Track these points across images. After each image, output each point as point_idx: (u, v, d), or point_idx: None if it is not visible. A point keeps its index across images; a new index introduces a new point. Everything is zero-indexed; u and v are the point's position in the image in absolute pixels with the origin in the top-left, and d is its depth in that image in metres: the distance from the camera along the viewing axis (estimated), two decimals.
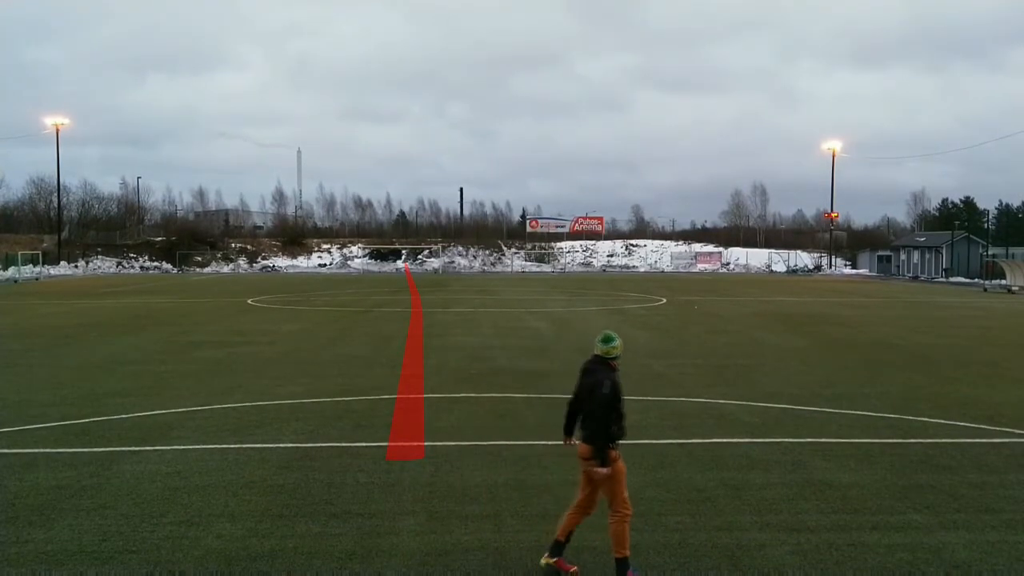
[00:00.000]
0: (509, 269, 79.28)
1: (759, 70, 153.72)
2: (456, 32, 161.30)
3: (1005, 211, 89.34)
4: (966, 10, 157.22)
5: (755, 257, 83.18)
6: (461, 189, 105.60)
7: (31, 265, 64.04)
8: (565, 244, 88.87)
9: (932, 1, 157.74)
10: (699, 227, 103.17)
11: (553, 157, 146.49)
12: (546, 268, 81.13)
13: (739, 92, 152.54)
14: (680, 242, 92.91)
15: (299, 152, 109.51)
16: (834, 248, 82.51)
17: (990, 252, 62.80)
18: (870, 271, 74.83)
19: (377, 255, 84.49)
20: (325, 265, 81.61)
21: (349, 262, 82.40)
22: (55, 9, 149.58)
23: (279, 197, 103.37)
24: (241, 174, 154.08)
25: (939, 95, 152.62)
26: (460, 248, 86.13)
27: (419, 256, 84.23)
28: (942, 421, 11.14)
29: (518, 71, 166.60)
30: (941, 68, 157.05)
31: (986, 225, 76.29)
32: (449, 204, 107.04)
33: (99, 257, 76.48)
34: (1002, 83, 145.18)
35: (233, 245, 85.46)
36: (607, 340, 6.23)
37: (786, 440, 10.02)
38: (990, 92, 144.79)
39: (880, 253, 77.17)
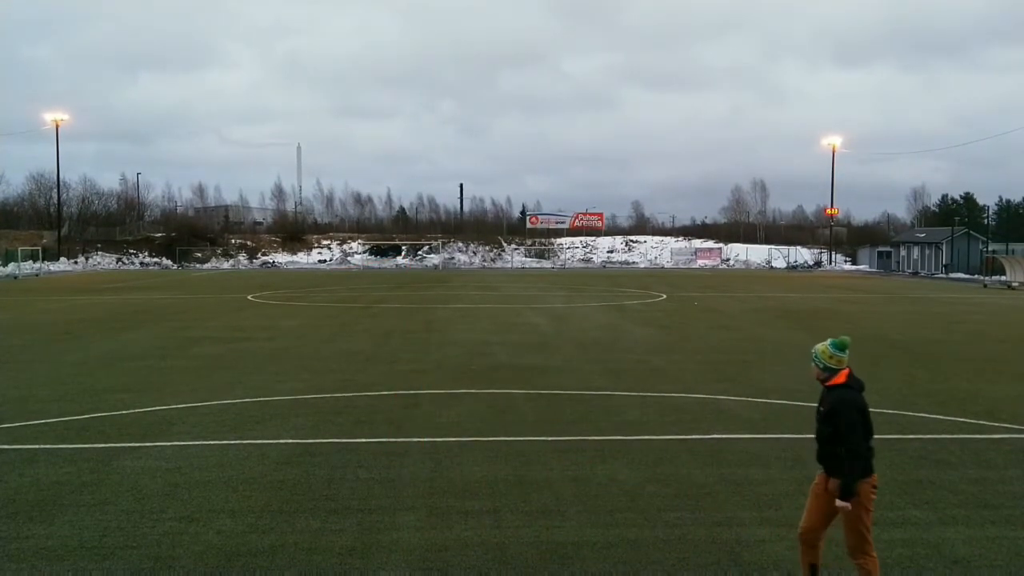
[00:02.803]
0: (509, 265, 79.23)
1: (751, 68, 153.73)
2: (444, 30, 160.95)
3: (1005, 207, 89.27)
4: (945, 9, 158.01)
5: (755, 253, 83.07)
6: (461, 185, 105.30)
7: (31, 261, 64.00)
8: (565, 240, 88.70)
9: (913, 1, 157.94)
10: (699, 223, 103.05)
11: (553, 154, 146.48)
12: (546, 264, 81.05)
13: (734, 89, 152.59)
14: (680, 238, 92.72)
15: (299, 148, 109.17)
16: (834, 244, 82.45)
17: (990, 248, 62.81)
18: (870, 267, 74.80)
19: (377, 251, 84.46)
20: (325, 261, 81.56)
21: (349, 258, 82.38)
22: (50, 7, 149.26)
23: (278, 193, 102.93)
24: (240, 170, 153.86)
25: (929, 92, 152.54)
26: (460, 244, 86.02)
27: (419, 252, 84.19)
28: (941, 417, 11.15)
29: (509, 69, 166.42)
30: (928, 66, 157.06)
31: (986, 221, 76.28)
32: (449, 200, 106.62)
33: (99, 253, 76.34)
34: (986, 80, 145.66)
35: (233, 241, 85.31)
36: (843, 347, 5.45)
37: (786, 436, 10.04)
38: (977, 89, 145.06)
39: (880, 249, 77.12)
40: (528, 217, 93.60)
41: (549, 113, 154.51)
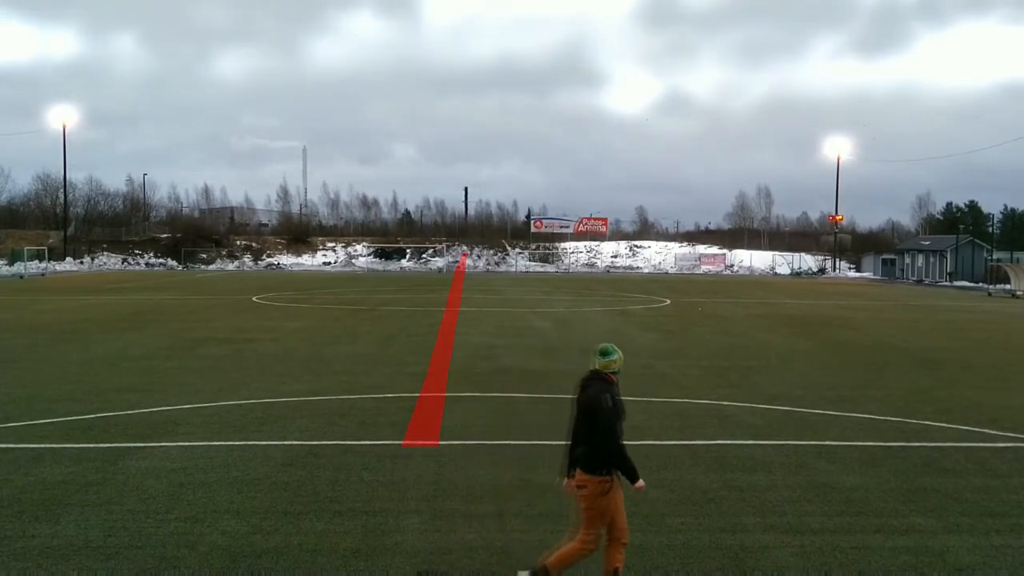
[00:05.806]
0: (513, 269, 79.24)
1: (756, 70, 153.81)
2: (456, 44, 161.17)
3: (1010, 215, 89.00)
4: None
5: (759, 259, 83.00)
6: (466, 189, 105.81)
7: (37, 261, 64.26)
8: (569, 244, 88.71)
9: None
10: (703, 229, 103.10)
11: (556, 158, 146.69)
12: (550, 268, 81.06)
13: (738, 92, 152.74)
14: (684, 243, 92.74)
15: (304, 150, 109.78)
16: (838, 251, 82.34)
17: (995, 256, 62.66)
18: (874, 274, 74.70)
19: (382, 254, 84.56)
20: (330, 263, 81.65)
21: (354, 261, 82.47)
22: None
23: (284, 195, 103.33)
24: (246, 171, 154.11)
25: (938, 97, 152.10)
26: (464, 247, 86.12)
27: (423, 255, 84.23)
28: (946, 425, 11.14)
29: (514, 85, 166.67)
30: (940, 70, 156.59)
31: (991, 229, 76.07)
32: (454, 204, 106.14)
33: (104, 253, 76.55)
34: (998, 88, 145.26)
35: (238, 243, 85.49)
36: (605, 353, 5.83)
37: (789, 442, 10.03)
38: (986, 96, 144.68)
39: (884, 256, 77.05)
40: (533, 221, 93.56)
41: (555, 116, 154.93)
